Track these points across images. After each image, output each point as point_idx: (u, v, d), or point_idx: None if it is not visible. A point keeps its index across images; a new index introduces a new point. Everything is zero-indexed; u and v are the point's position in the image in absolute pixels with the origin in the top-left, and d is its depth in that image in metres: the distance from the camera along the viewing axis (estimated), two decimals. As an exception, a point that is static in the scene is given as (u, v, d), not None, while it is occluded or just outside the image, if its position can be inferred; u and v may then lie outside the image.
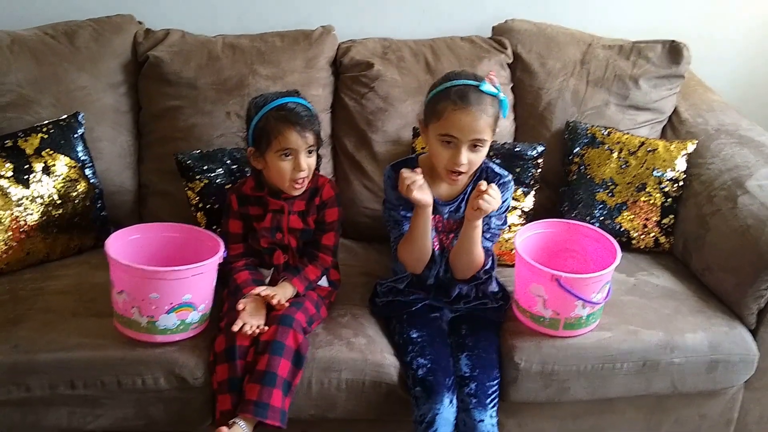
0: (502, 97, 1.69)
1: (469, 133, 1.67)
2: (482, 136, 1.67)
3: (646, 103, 2.31)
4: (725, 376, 1.87)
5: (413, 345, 1.74)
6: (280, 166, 1.73)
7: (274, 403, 1.58)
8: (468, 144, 1.67)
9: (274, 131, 1.71)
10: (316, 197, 1.83)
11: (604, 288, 1.75)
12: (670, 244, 2.16)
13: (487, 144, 1.71)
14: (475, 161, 1.71)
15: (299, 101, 1.76)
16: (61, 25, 2.18)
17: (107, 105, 2.14)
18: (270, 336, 1.64)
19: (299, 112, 1.73)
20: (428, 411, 1.64)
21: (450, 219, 1.81)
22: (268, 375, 1.60)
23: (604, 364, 1.78)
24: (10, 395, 1.64)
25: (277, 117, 1.72)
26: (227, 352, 1.64)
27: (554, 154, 2.23)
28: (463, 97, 1.66)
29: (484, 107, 1.66)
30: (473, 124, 1.66)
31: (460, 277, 1.84)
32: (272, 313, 1.70)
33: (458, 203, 1.80)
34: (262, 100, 1.76)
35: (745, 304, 1.89)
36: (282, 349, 1.62)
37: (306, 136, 1.72)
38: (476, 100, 1.66)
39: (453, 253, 1.81)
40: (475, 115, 1.65)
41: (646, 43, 2.34)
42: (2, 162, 1.90)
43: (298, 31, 2.27)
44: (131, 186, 2.17)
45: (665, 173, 2.15)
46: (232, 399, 1.61)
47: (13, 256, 1.89)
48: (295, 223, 1.81)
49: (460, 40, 2.34)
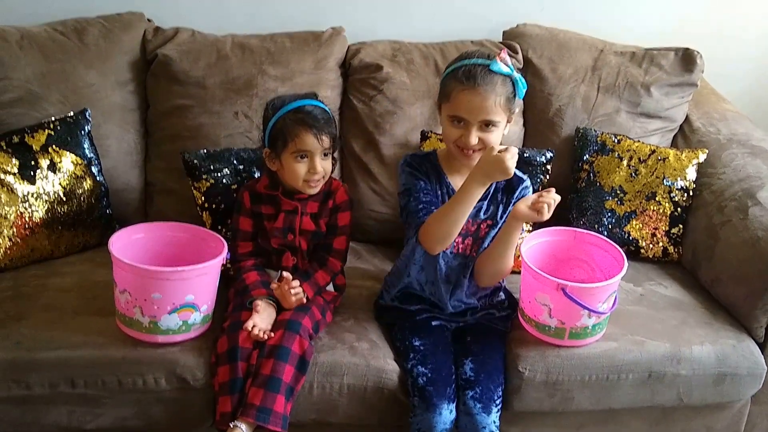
0: (516, 76, 1.65)
1: (478, 113, 1.64)
2: (492, 117, 1.64)
3: (658, 110, 2.29)
4: (732, 389, 1.85)
5: (415, 353, 1.72)
6: (295, 167, 1.73)
7: (277, 408, 1.58)
8: (478, 125, 1.65)
9: (290, 133, 1.71)
10: (329, 200, 1.82)
11: (610, 298, 1.73)
12: (678, 254, 2.14)
13: (500, 125, 1.68)
14: (489, 140, 1.67)
15: (317, 104, 1.76)
16: (70, 22, 2.18)
17: (115, 102, 2.14)
18: (276, 341, 1.64)
19: (316, 114, 1.73)
20: (425, 421, 1.63)
21: (470, 220, 1.75)
22: (273, 380, 1.59)
23: (609, 375, 1.76)
24: (10, 392, 1.63)
25: (294, 119, 1.72)
26: (229, 353, 1.63)
27: (563, 160, 2.22)
28: (471, 77, 1.63)
29: (493, 87, 1.63)
30: (482, 105, 1.63)
31: (486, 284, 1.80)
32: (279, 317, 1.70)
33: (479, 204, 1.75)
34: (279, 102, 1.76)
35: (754, 317, 1.87)
36: (288, 354, 1.62)
37: (322, 138, 1.72)
38: (485, 79, 1.63)
39: (484, 257, 1.76)
40: (483, 95, 1.62)
41: (659, 51, 2.32)
42: (8, 158, 1.89)
43: (307, 32, 2.26)
44: (137, 184, 2.17)
45: (675, 182, 2.13)
46: (233, 401, 1.60)
47: (17, 252, 1.89)
48: (307, 224, 1.80)
49: (470, 43, 2.32)
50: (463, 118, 1.66)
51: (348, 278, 1.94)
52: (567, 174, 2.23)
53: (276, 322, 1.69)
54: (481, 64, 1.64)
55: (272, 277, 1.84)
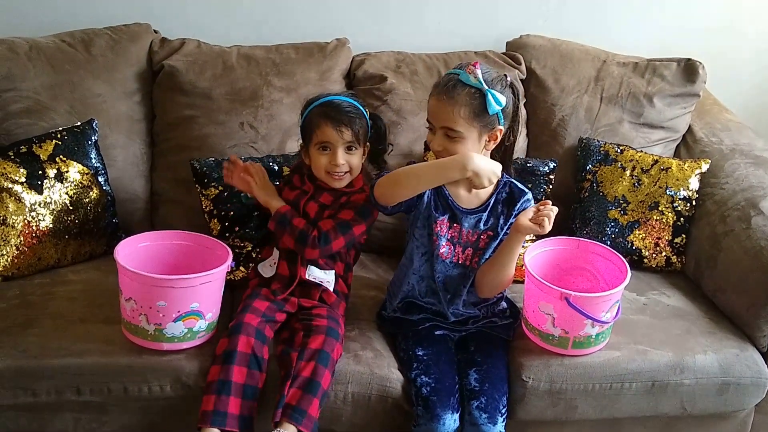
0: (486, 89, 1.64)
1: (438, 119, 1.69)
2: (451, 125, 1.66)
3: (660, 121, 2.30)
4: (736, 398, 1.84)
5: (418, 362, 1.73)
6: (318, 159, 1.78)
7: (312, 412, 1.59)
8: (441, 131, 1.68)
9: (313, 125, 1.77)
10: (343, 197, 1.82)
11: (613, 307, 1.73)
12: (681, 263, 2.14)
13: (468, 136, 1.67)
14: (452, 149, 1.68)
15: (347, 99, 1.80)
16: (78, 33, 2.20)
17: (121, 113, 2.16)
18: (319, 345, 1.65)
19: (343, 108, 1.77)
20: (429, 431, 1.63)
21: (470, 230, 1.77)
22: (313, 384, 1.60)
23: (612, 384, 1.76)
24: (16, 400, 1.64)
25: (319, 113, 1.77)
26: (225, 355, 1.63)
27: (566, 170, 2.23)
28: (439, 84, 1.69)
29: (456, 97, 1.65)
30: (440, 111, 1.67)
31: (486, 295, 1.81)
32: (315, 323, 1.71)
33: (479, 215, 1.77)
34: (314, 97, 1.83)
35: (757, 326, 1.87)
36: (328, 360, 1.64)
37: (342, 131, 1.75)
38: (449, 89, 1.66)
39: (486, 268, 1.77)
40: (445, 103, 1.66)
41: (661, 61, 2.34)
42: (16, 167, 1.91)
43: (312, 43, 2.28)
44: (143, 194, 2.18)
45: (678, 192, 2.14)
46: (216, 401, 1.58)
47: (24, 260, 1.90)
48: (311, 208, 1.81)
49: (474, 54, 2.34)
50: (430, 123, 1.71)
51: (352, 288, 1.94)
52: (570, 184, 2.23)
53: (315, 327, 1.70)
54: (453, 74, 1.69)
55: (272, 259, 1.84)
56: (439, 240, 1.76)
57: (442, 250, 1.76)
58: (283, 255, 1.83)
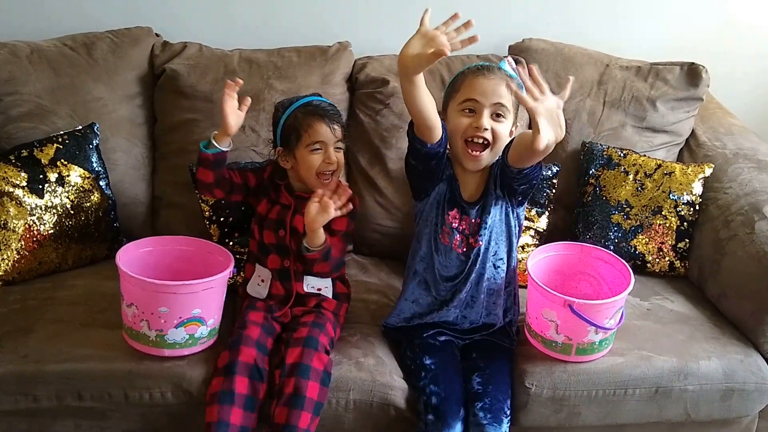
0: (520, 82, 1.64)
1: (491, 95, 1.66)
2: (504, 101, 1.66)
3: (664, 125, 2.29)
4: (740, 404, 1.84)
5: (426, 372, 1.71)
6: (311, 159, 1.76)
7: (301, 425, 1.58)
8: (490, 109, 1.67)
9: (303, 125, 1.76)
10: None
11: (617, 314, 1.73)
12: (685, 268, 2.14)
13: (509, 116, 1.69)
14: (499, 132, 1.67)
15: (323, 99, 1.83)
16: (79, 37, 2.19)
17: (123, 117, 2.15)
18: (296, 358, 1.64)
19: (325, 107, 1.79)
20: None
21: (477, 218, 1.76)
22: (295, 398, 1.59)
23: (615, 390, 1.76)
24: (17, 405, 1.64)
25: (306, 112, 1.77)
26: (227, 367, 1.62)
27: (569, 174, 2.22)
28: (483, 66, 1.71)
29: (503, 77, 1.68)
30: (495, 88, 1.66)
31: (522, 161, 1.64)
32: (296, 335, 1.70)
33: (483, 202, 1.76)
34: (288, 101, 1.82)
35: (761, 332, 1.87)
36: (309, 370, 1.62)
37: (334, 128, 1.76)
38: (493, 69, 1.70)
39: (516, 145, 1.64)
40: (495, 80, 1.67)
41: (664, 65, 2.33)
42: (17, 171, 1.91)
43: (314, 47, 2.27)
44: (145, 198, 2.17)
45: (681, 197, 2.13)
46: (219, 412, 1.58)
47: (25, 265, 1.90)
48: (298, 223, 1.78)
49: (476, 57, 2.33)
50: (475, 101, 1.67)
51: (354, 292, 1.93)
52: (573, 188, 2.23)
53: (293, 340, 1.69)
54: (489, 61, 1.71)
55: (266, 277, 1.82)
56: (453, 233, 1.76)
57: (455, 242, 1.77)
58: (275, 275, 1.82)
